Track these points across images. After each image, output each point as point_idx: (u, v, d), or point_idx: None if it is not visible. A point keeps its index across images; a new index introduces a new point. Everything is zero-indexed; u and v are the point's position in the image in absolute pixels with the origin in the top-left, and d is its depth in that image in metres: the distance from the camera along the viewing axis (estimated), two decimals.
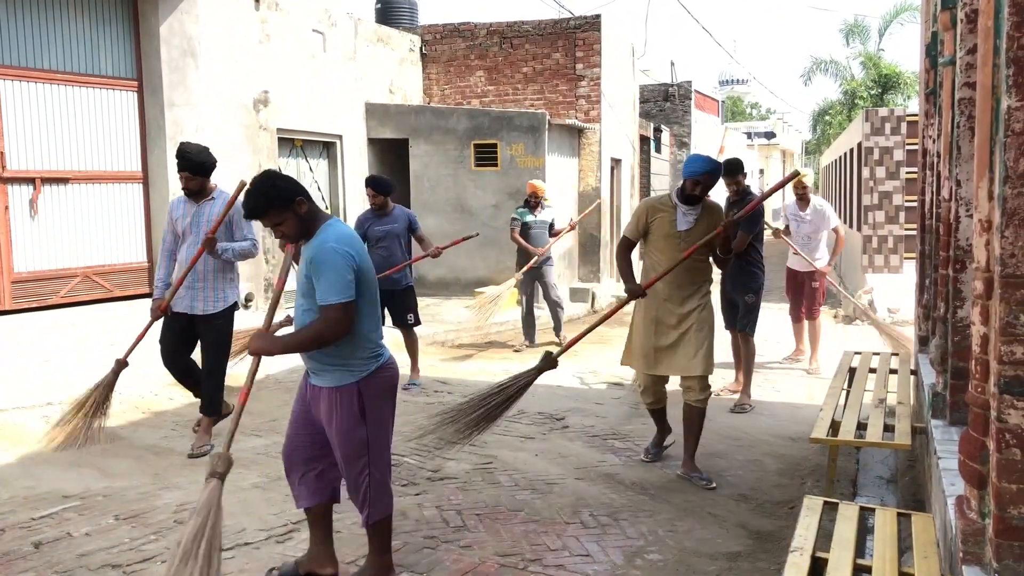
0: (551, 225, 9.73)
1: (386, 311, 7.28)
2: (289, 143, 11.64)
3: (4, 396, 6.06)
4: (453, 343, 9.93)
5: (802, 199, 8.61)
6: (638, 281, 5.04)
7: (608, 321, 5.18)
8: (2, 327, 7.82)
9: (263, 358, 3.57)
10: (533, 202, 9.60)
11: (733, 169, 6.99)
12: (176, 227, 5.65)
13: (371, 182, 7.49)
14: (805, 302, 8.60)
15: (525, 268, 9.41)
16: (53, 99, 8.83)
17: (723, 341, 7.12)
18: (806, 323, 8.74)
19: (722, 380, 7.34)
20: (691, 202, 4.98)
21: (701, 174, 4.92)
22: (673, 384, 5.33)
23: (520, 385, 4.49)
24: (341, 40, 12.50)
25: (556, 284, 9.85)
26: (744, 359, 7.18)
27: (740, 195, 7.12)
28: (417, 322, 7.70)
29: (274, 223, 3.39)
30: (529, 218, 9.56)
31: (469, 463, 5.34)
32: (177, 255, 5.62)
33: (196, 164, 5.48)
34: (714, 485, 4.93)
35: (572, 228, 9.78)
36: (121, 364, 5.34)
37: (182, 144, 5.63)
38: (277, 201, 3.35)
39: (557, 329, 9.89)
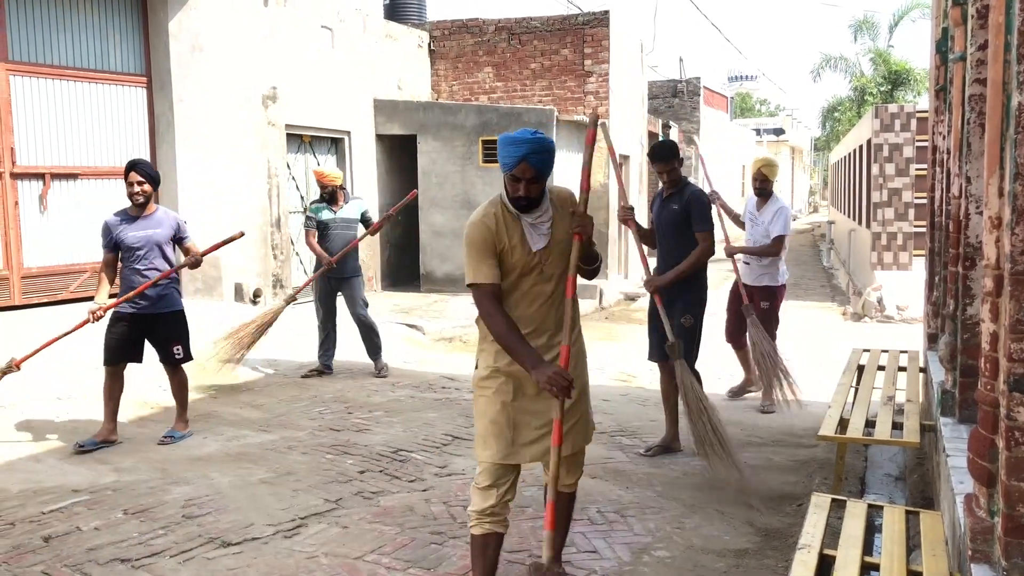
0: (364, 220, 7.56)
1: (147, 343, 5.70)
2: (297, 139, 11.66)
3: (15, 390, 6.11)
4: (460, 339, 9.93)
5: (762, 195, 6.63)
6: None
7: (616, 318, 4.98)
8: (12, 322, 7.87)
9: None
10: (328, 195, 7.43)
11: (665, 154, 5.37)
12: None
13: (132, 166, 5.45)
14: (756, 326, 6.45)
15: (312, 277, 7.59)
16: (62, 95, 8.88)
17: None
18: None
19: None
20: (531, 206, 3.17)
21: (515, 164, 3.07)
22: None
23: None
24: (349, 36, 12.52)
25: (364, 299, 7.62)
26: (664, 397, 5.58)
27: (676, 186, 5.42)
28: (187, 357, 5.73)
29: None
30: (326, 215, 7.38)
31: (475, 459, 5.33)
32: None
33: None
34: None
35: (389, 220, 7.50)
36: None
37: None
38: None
39: (373, 355, 7.67)
